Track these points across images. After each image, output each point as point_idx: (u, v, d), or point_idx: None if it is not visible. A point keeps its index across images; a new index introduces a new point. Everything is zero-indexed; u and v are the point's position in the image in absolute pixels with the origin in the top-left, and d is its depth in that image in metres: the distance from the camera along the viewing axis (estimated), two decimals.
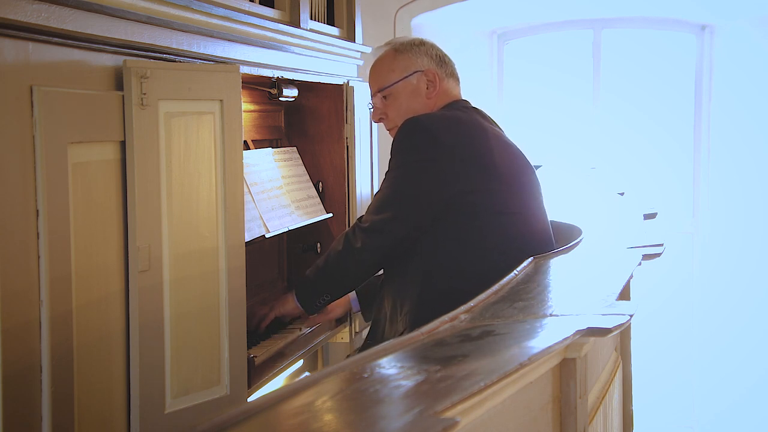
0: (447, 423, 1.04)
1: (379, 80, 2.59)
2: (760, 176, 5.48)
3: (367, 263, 2.47)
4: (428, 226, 2.37)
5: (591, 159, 5.70)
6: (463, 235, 2.35)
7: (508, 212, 2.40)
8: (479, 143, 2.42)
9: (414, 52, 2.58)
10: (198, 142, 2.20)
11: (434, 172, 2.35)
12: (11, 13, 1.65)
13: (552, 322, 1.65)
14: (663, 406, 5.56)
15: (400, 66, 2.57)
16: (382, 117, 2.61)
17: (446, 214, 2.35)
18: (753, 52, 5.41)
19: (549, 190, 2.61)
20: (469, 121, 2.48)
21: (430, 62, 2.57)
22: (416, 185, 2.38)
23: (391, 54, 2.60)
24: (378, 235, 2.41)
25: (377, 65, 2.62)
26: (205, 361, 2.23)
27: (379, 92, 2.59)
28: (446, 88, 2.58)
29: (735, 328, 5.50)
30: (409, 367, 1.36)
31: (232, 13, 2.42)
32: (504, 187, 2.41)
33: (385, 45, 2.64)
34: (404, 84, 2.55)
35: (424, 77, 2.55)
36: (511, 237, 2.37)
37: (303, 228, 3.06)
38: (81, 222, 1.87)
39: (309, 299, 2.61)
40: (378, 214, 2.42)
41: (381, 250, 2.43)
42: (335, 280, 2.55)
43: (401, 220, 2.39)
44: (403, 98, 2.56)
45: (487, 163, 2.39)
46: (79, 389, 1.87)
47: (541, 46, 5.88)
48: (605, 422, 2.08)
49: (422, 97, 2.55)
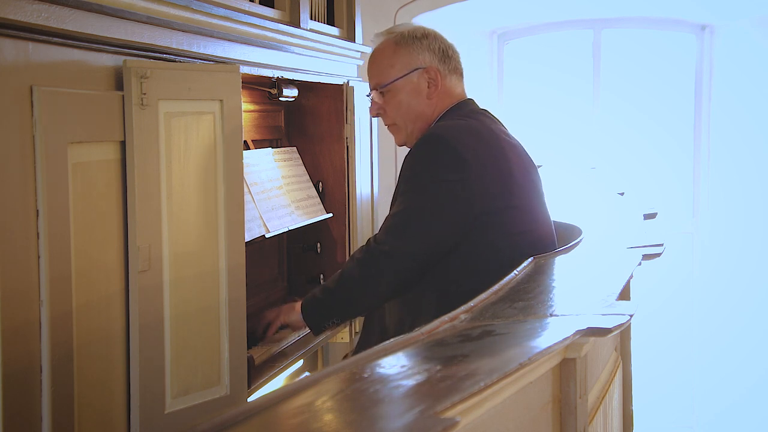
0: (447, 423, 1.04)
1: (378, 75, 2.49)
2: (760, 176, 5.48)
3: (386, 289, 2.35)
4: (450, 247, 2.29)
5: (591, 159, 5.70)
6: (482, 255, 2.29)
7: (525, 230, 2.35)
8: (501, 159, 2.34)
9: (416, 47, 2.46)
10: (198, 142, 2.20)
11: (459, 193, 2.26)
12: (11, 13, 1.65)
13: (552, 322, 1.65)
14: (663, 406, 5.56)
15: (400, 61, 2.46)
16: (380, 112, 2.52)
17: (468, 235, 2.28)
18: (753, 52, 5.41)
19: (549, 190, 2.60)
20: (488, 133, 2.39)
21: (432, 58, 2.46)
22: (441, 207, 2.27)
23: (391, 47, 2.48)
24: (399, 261, 2.29)
25: (376, 57, 2.51)
26: (205, 361, 2.23)
27: (377, 88, 2.50)
28: (448, 86, 2.49)
29: (735, 328, 5.50)
30: (409, 367, 1.36)
31: (232, 13, 2.42)
32: (523, 202, 2.36)
33: (386, 33, 2.52)
34: (404, 81, 2.45)
35: (425, 75, 2.45)
36: (526, 254, 2.29)
37: (303, 228, 3.06)
38: (81, 222, 1.87)
39: (317, 321, 2.48)
40: (399, 238, 2.30)
41: (402, 276, 2.31)
42: (348, 305, 2.44)
43: (425, 244, 2.28)
44: (402, 96, 2.46)
45: (508, 179, 2.33)
46: (79, 389, 1.87)
47: (541, 46, 5.89)
48: (605, 422, 2.08)
49: (423, 97, 2.46)
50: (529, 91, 5.88)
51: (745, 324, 5.47)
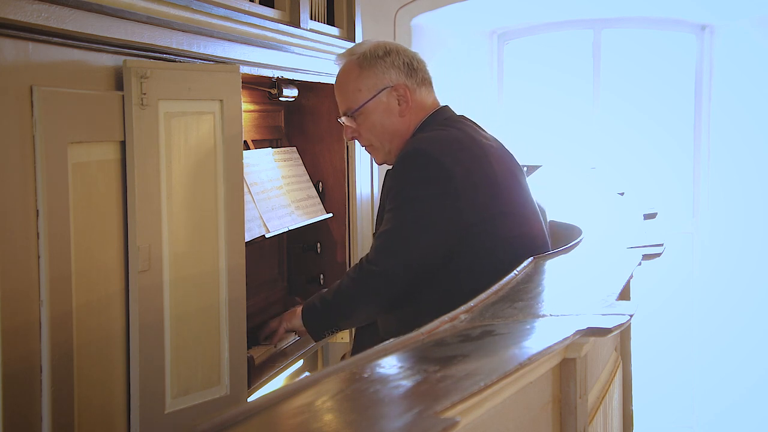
0: (447, 423, 1.04)
1: (347, 101, 2.46)
2: (760, 176, 5.48)
3: (381, 306, 2.36)
4: (444, 260, 2.28)
5: (591, 159, 5.70)
6: (478, 263, 2.28)
7: (517, 234, 2.34)
8: (485, 165, 2.33)
9: (379, 67, 2.42)
10: (198, 142, 2.20)
11: (447, 206, 2.25)
12: (11, 13, 1.65)
13: (552, 322, 1.65)
14: (663, 406, 5.56)
15: (366, 84, 2.42)
16: (355, 135, 2.49)
17: (461, 246, 2.27)
18: (753, 52, 5.41)
19: (549, 190, 2.59)
20: (469, 141, 2.37)
21: (398, 75, 2.42)
22: (430, 222, 2.26)
23: (355, 70, 2.44)
24: (392, 280, 2.29)
25: (341, 81, 2.48)
26: (205, 361, 2.23)
27: (347, 113, 2.46)
28: (419, 99, 2.45)
29: (735, 328, 5.50)
30: (409, 367, 1.36)
31: (232, 13, 2.42)
32: (511, 207, 2.36)
33: (348, 54, 2.48)
34: (374, 103, 2.41)
35: (394, 93, 2.41)
36: (520, 256, 2.28)
37: (303, 228, 3.06)
38: (81, 222, 1.87)
39: (317, 329, 2.49)
40: (390, 257, 2.29)
41: (396, 291, 2.31)
42: (345, 318, 2.45)
43: (417, 261, 2.28)
44: (375, 117, 2.42)
45: (494, 186, 2.32)
46: (79, 389, 1.87)
47: (541, 46, 5.89)
48: (605, 422, 2.08)
49: (395, 115, 2.42)
50: (529, 91, 5.88)
51: (745, 324, 5.47)
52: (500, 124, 5.58)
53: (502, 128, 5.44)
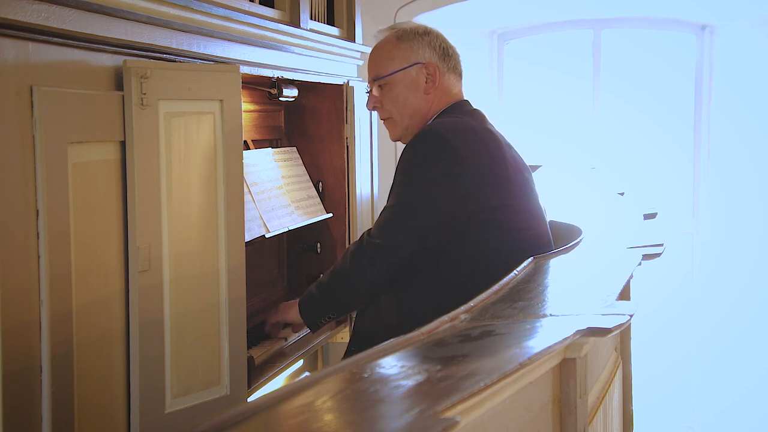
0: (447, 423, 1.04)
1: (378, 68, 2.51)
2: (760, 176, 5.48)
3: (378, 282, 2.37)
4: (444, 244, 2.30)
5: (591, 159, 5.70)
6: (478, 253, 2.29)
7: (520, 228, 2.36)
8: (497, 158, 2.35)
9: (417, 42, 2.48)
10: (198, 142, 2.20)
11: (454, 190, 2.27)
12: (11, 13, 1.65)
13: (552, 322, 1.65)
14: (663, 406, 5.56)
15: (400, 55, 2.48)
16: (377, 105, 2.53)
17: (463, 232, 2.29)
18: (753, 52, 5.41)
19: (549, 191, 2.60)
20: (484, 132, 2.41)
21: (432, 54, 2.48)
22: (435, 202, 2.29)
23: (392, 41, 2.50)
24: (391, 253, 2.31)
25: (377, 51, 2.53)
26: (205, 361, 2.23)
27: (376, 80, 2.51)
28: (446, 84, 2.50)
29: (735, 328, 5.50)
30: (409, 367, 1.36)
31: (232, 13, 2.42)
32: (518, 201, 2.37)
33: (389, 29, 2.55)
34: (403, 75, 2.47)
35: (424, 70, 2.47)
36: (523, 251, 2.30)
37: (303, 228, 3.06)
38: (81, 222, 1.87)
39: (313, 317, 2.51)
40: (392, 231, 2.32)
41: (393, 269, 2.33)
42: (342, 298, 2.46)
43: (417, 238, 2.30)
44: (400, 90, 2.48)
45: (503, 178, 2.34)
46: (79, 389, 1.87)
47: (541, 46, 5.89)
48: (605, 422, 2.08)
49: (420, 92, 2.47)
50: (529, 91, 5.89)
51: (745, 324, 5.47)
52: (500, 124, 5.54)
53: (502, 128, 5.40)
